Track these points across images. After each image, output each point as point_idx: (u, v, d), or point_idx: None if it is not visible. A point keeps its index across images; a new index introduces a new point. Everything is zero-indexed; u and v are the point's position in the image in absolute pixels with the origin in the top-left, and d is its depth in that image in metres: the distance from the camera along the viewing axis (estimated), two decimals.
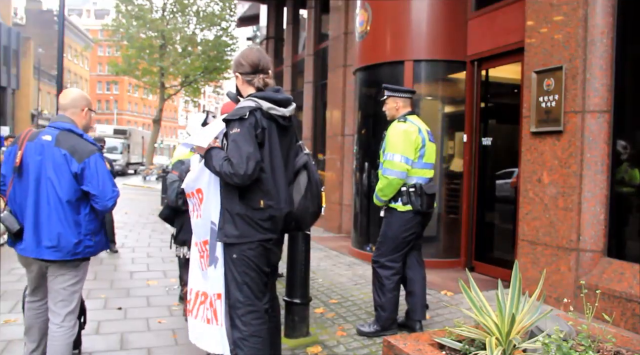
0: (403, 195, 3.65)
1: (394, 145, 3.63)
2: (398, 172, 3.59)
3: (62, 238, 2.68)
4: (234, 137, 2.42)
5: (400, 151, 3.60)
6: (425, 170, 3.73)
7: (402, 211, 3.66)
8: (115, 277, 5.77)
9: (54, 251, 2.68)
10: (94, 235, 2.82)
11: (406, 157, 3.60)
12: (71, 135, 2.75)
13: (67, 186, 2.68)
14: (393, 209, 3.70)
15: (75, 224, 2.72)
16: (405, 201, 3.65)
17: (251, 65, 2.63)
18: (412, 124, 3.71)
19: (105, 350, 3.62)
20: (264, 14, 13.72)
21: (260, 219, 2.49)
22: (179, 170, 3.98)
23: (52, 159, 2.68)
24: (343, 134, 8.48)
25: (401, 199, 3.65)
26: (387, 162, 3.64)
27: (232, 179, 2.39)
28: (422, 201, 3.65)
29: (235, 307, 2.52)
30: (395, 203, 3.68)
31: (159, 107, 25.22)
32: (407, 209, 3.65)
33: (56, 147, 2.69)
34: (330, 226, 8.71)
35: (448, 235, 6.06)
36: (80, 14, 72.35)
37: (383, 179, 3.65)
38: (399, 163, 3.58)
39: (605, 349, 2.20)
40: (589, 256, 4.06)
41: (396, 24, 6.06)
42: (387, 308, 3.69)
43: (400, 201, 3.66)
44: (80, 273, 2.86)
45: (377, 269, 3.75)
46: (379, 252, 3.76)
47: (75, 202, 2.72)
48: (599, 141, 4.04)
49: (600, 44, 4.04)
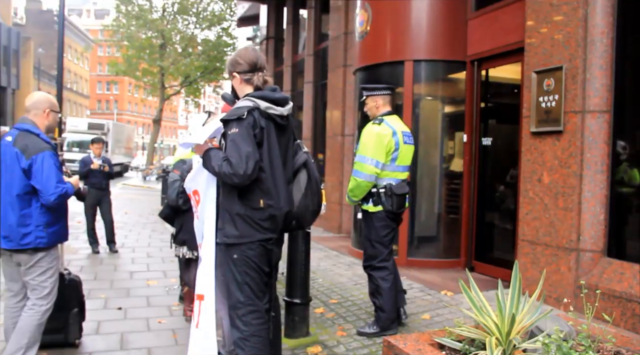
0: (373, 196, 3.71)
1: (365, 147, 3.68)
2: (367, 174, 3.65)
3: (13, 229, 2.94)
4: (233, 137, 2.41)
5: (370, 154, 3.64)
6: (398, 172, 3.76)
7: (373, 212, 3.73)
8: (115, 277, 5.77)
9: (7, 241, 2.96)
10: (47, 227, 3.01)
11: (377, 160, 3.64)
12: (28, 135, 3.02)
13: (17, 181, 2.95)
14: (366, 211, 3.77)
15: (26, 216, 2.96)
16: (375, 202, 3.71)
17: (249, 64, 2.63)
18: (386, 126, 3.72)
19: (105, 350, 3.63)
20: (264, 14, 13.71)
21: (260, 219, 2.49)
22: (180, 169, 3.99)
23: (8, 157, 2.97)
24: (343, 134, 8.48)
25: (372, 199, 3.72)
26: (357, 163, 3.69)
27: (231, 179, 2.39)
28: (392, 201, 3.69)
29: (236, 307, 2.52)
30: (366, 204, 3.76)
31: (159, 107, 25.21)
32: (378, 209, 3.71)
33: (13, 146, 2.98)
34: (330, 226, 8.71)
35: (448, 235, 6.06)
36: (80, 14, 72.33)
37: (352, 180, 3.72)
38: (368, 166, 3.63)
39: (605, 349, 2.20)
40: (589, 256, 4.06)
41: (396, 24, 6.06)
42: (386, 308, 3.71)
43: (371, 202, 3.72)
44: (44, 264, 3.05)
45: (371, 272, 3.78)
46: (367, 255, 3.81)
47: (26, 196, 2.96)
48: (599, 141, 4.04)
49: (600, 44, 4.04)
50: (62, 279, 3.61)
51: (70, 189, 3.10)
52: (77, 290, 3.68)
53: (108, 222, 7.30)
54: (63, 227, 3.17)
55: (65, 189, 3.02)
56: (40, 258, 3.03)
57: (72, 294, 3.62)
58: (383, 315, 3.73)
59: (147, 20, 22.66)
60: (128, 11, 23.05)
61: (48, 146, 3.03)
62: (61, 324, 3.56)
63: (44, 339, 3.49)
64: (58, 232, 3.11)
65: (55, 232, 3.08)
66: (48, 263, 3.08)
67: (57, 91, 11.51)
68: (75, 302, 3.63)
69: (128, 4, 22.98)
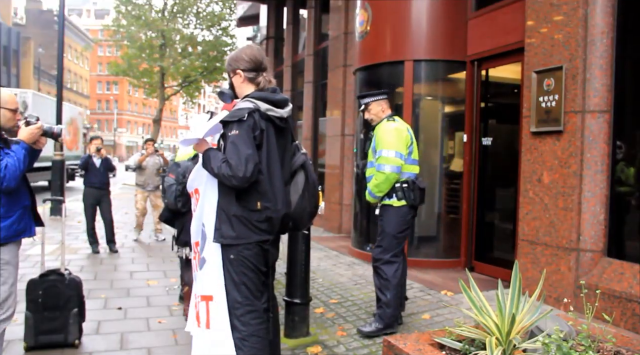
0: (397, 191, 3.76)
1: (386, 142, 3.75)
2: (394, 166, 3.70)
3: None
4: (233, 139, 2.40)
5: (394, 147, 3.73)
6: (414, 166, 3.89)
7: (397, 206, 3.77)
8: (115, 277, 5.77)
9: None
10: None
11: (400, 152, 3.73)
12: None
13: None
14: (388, 205, 3.80)
15: None
16: (400, 196, 3.76)
17: (255, 62, 2.61)
18: (400, 122, 3.89)
19: (105, 350, 3.63)
20: (264, 14, 13.71)
21: (257, 221, 2.48)
22: (175, 173, 3.99)
23: None
24: (343, 134, 8.48)
25: (396, 194, 3.77)
26: (382, 158, 3.73)
27: (230, 181, 2.38)
28: (415, 195, 3.78)
29: (234, 307, 2.51)
30: (389, 199, 3.79)
31: (159, 107, 25.21)
32: (402, 204, 3.77)
33: None
34: (330, 226, 8.71)
35: (448, 235, 6.06)
36: (80, 14, 72.35)
37: (379, 175, 3.73)
38: (393, 158, 3.70)
39: (605, 349, 2.20)
40: (589, 256, 4.06)
41: (396, 24, 6.06)
42: (392, 305, 3.73)
43: (395, 197, 3.77)
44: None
45: (381, 266, 3.78)
46: (381, 249, 3.81)
47: None
48: (599, 141, 4.04)
49: (600, 44, 4.04)
50: (62, 278, 3.62)
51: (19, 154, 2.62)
52: (77, 290, 3.68)
53: (108, 221, 7.30)
54: (21, 219, 2.77)
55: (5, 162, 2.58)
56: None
57: (72, 294, 3.62)
58: (388, 311, 3.74)
59: (147, 20, 22.66)
60: (128, 11, 23.05)
61: None
62: (61, 324, 3.56)
63: (44, 339, 3.51)
64: (13, 226, 2.73)
65: (10, 226, 2.71)
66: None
67: (57, 91, 11.50)
68: (75, 302, 3.63)
69: (128, 4, 22.98)
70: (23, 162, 2.68)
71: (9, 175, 2.60)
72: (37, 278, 3.58)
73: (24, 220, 2.82)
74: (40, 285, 3.56)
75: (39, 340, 3.51)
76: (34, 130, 2.80)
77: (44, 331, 3.52)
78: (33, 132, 2.79)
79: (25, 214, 2.84)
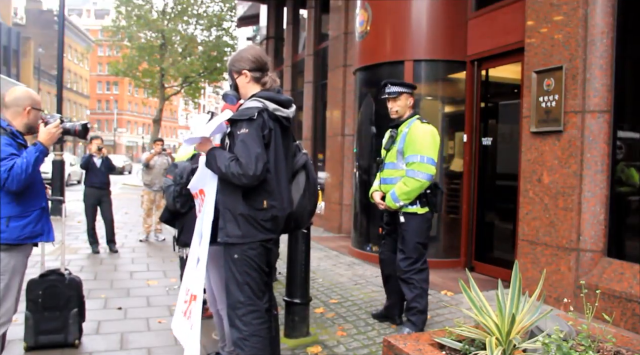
0: (422, 198, 3.60)
1: (423, 147, 3.54)
2: (430, 175, 3.53)
3: None
4: (243, 138, 2.41)
5: (431, 154, 3.54)
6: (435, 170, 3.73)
7: (422, 213, 3.63)
8: (115, 277, 5.77)
9: None
10: (10, 220, 2.57)
11: (434, 159, 3.56)
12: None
13: None
14: (413, 214, 3.62)
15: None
16: (424, 203, 3.61)
17: (261, 62, 2.64)
18: (431, 125, 3.69)
19: (105, 350, 3.63)
20: (264, 14, 13.71)
21: (263, 219, 2.49)
22: (172, 173, 3.99)
23: None
24: (343, 134, 8.48)
25: (419, 201, 3.60)
26: (418, 164, 3.52)
27: (240, 179, 2.39)
28: (439, 200, 3.65)
29: (235, 307, 2.52)
30: (413, 206, 3.61)
31: (159, 107, 25.21)
32: (426, 211, 3.63)
33: None
34: (330, 226, 8.71)
35: (448, 235, 6.05)
36: (80, 14, 72.34)
37: (412, 182, 3.52)
38: (430, 166, 3.53)
39: (605, 349, 2.20)
40: (589, 256, 4.06)
41: (396, 24, 6.06)
42: (425, 309, 3.68)
43: (419, 203, 3.61)
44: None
45: (414, 275, 3.62)
46: (412, 260, 3.63)
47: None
48: (599, 141, 4.04)
49: (600, 44, 4.04)
50: (62, 278, 3.62)
51: (30, 157, 2.54)
52: (77, 291, 3.68)
53: (108, 221, 7.30)
54: (38, 221, 2.67)
55: (13, 163, 2.49)
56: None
57: (72, 294, 3.62)
58: (422, 317, 3.65)
59: (148, 20, 22.66)
60: (128, 11, 23.05)
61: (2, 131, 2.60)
62: (61, 324, 3.56)
63: (44, 339, 3.51)
64: (29, 227, 2.64)
65: (25, 227, 2.62)
66: (2, 266, 2.58)
67: (57, 91, 11.50)
68: (75, 303, 3.63)
69: (128, 4, 22.98)
70: (33, 165, 2.58)
71: (11, 178, 2.52)
72: (37, 278, 3.57)
73: (41, 222, 2.72)
74: (40, 285, 3.55)
75: (39, 340, 3.51)
76: (53, 130, 2.73)
77: (44, 331, 3.52)
78: (53, 134, 2.73)
79: (44, 216, 2.73)
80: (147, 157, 8.22)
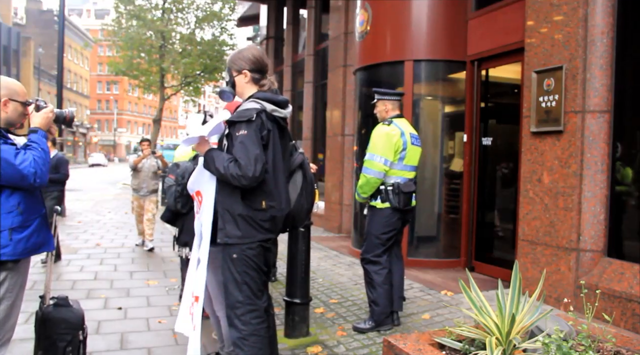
0: (382, 194, 3.85)
1: (375, 146, 3.83)
2: (376, 172, 3.80)
3: None
4: (242, 139, 2.41)
5: (380, 152, 3.80)
6: (405, 171, 3.90)
7: (380, 208, 3.86)
8: (115, 277, 5.77)
9: None
10: (14, 231, 2.23)
11: (385, 158, 3.79)
12: None
13: None
14: (373, 206, 3.91)
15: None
16: (383, 199, 3.85)
17: (260, 63, 2.65)
18: (395, 127, 3.88)
19: (105, 350, 3.62)
20: (264, 14, 13.71)
21: (262, 220, 2.50)
22: (174, 173, 3.99)
23: None
24: (343, 134, 8.48)
25: (380, 196, 3.86)
26: (367, 161, 3.84)
27: (239, 180, 2.39)
28: (400, 199, 3.83)
29: (234, 307, 2.52)
30: (374, 201, 3.89)
31: (159, 107, 25.21)
32: (385, 206, 3.85)
33: None
34: (330, 226, 8.71)
35: (448, 235, 6.05)
36: (80, 14, 72.36)
37: (362, 177, 3.85)
38: (377, 163, 3.79)
39: (605, 349, 2.20)
40: (589, 256, 4.06)
41: (396, 23, 6.06)
42: (379, 302, 3.82)
43: (379, 199, 3.86)
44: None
45: (365, 265, 3.92)
46: (364, 248, 3.95)
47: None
48: (599, 141, 4.04)
49: (600, 43, 4.04)
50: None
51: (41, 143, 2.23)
52: (76, 325, 2.79)
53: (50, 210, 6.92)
54: (40, 229, 2.33)
55: (30, 155, 2.17)
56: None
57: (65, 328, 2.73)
58: (377, 309, 3.84)
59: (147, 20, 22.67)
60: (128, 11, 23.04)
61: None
62: None
63: None
64: (32, 238, 2.29)
65: (29, 238, 2.28)
66: (4, 289, 2.24)
67: (57, 91, 11.51)
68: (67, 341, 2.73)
69: (127, 3, 22.97)
70: (48, 152, 2.30)
71: (39, 170, 2.20)
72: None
73: (42, 230, 2.38)
74: None
75: None
76: (49, 114, 2.41)
77: None
78: (48, 117, 2.40)
79: (44, 223, 2.40)
80: (134, 160, 7.44)
